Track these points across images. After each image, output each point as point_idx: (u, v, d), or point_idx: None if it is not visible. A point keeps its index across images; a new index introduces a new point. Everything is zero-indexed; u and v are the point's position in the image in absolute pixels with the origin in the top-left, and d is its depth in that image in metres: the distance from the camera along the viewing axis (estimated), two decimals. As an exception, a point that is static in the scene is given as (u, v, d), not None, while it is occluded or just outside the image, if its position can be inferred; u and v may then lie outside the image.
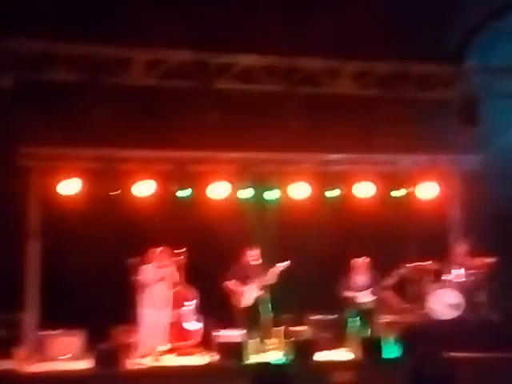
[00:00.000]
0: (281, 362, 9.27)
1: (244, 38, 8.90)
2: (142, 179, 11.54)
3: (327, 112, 9.84)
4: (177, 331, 11.01)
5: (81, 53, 8.73)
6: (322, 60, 9.34)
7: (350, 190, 12.37)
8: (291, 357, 9.31)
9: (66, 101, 9.05)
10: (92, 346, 9.74)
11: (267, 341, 10.54)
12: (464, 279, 10.71)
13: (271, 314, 10.74)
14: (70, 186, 11.24)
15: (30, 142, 10.13)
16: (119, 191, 11.50)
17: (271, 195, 12.32)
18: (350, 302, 11.10)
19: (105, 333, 9.73)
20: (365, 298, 11.05)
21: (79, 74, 8.75)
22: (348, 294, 11.08)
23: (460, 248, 11.08)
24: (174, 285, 11.01)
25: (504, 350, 9.26)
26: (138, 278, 9.76)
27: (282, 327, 11.09)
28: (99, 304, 9.72)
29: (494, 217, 10.50)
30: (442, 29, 9.33)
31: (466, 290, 10.63)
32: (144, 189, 11.60)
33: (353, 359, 9.60)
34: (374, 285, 11.06)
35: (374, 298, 11.04)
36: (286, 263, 10.27)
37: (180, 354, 10.67)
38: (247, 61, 9.20)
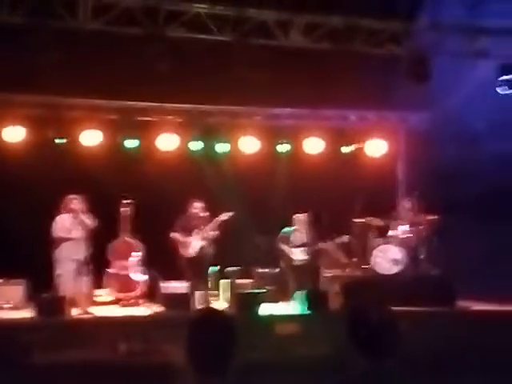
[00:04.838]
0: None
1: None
2: (89, 128, 11.37)
3: (277, 64, 9.74)
4: (122, 282, 10.99)
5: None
6: (273, 11, 9.22)
7: (300, 144, 12.42)
8: (236, 309, 9.36)
9: (10, 44, 8.75)
10: (34, 295, 9.66)
11: (212, 292, 10.59)
12: (407, 235, 10.89)
13: (217, 267, 10.79)
14: (14, 133, 11.01)
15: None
16: (65, 140, 11.32)
17: (221, 148, 12.28)
18: (284, 256, 11.22)
19: (47, 282, 9.61)
20: (297, 255, 11.17)
21: (24, 16, 8.44)
22: (282, 247, 11.20)
23: (404, 205, 11.25)
24: (122, 235, 11.00)
25: (442, 304, 9.52)
26: (54, 228, 9.57)
27: (228, 280, 11.18)
28: (41, 253, 9.59)
29: (439, 175, 10.65)
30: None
31: (409, 245, 10.82)
32: (90, 138, 11.44)
33: (295, 312, 9.70)
34: (309, 244, 11.15)
35: (307, 257, 11.12)
36: (230, 213, 10.24)
37: (125, 305, 10.68)
38: (197, 9, 9.02)
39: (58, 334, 7.96)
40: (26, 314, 9.12)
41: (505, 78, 9.91)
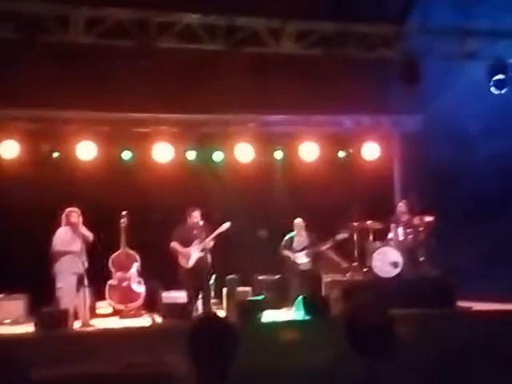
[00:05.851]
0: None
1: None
2: (84, 141, 11.38)
3: (270, 72, 9.79)
4: (123, 293, 11.00)
5: (17, 9, 8.40)
6: (263, 19, 9.25)
7: (295, 151, 12.44)
8: (237, 316, 9.35)
9: (2, 59, 8.78)
10: (35, 309, 9.63)
11: (212, 301, 10.59)
12: (405, 237, 10.91)
13: (216, 275, 10.79)
14: (8, 148, 11.02)
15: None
16: (59, 153, 11.33)
17: (218, 157, 12.32)
18: (289, 262, 11.28)
19: (47, 296, 9.60)
20: (301, 259, 11.25)
21: (15, 31, 8.45)
22: (286, 253, 11.27)
23: (401, 207, 11.27)
24: (122, 247, 11.00)
25: (442, 305, 9.53)
26: (54, 242, 9.53)
27: (227, 288, 11.19)
28: (42, 268, 9.58)
29: (434, 176, 10.69)
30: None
31: (408, 248, 10.84)
32: (86, 151, 11.44)
33: (297, 318, 9.70)
34: (310, 246, 11.24)
35: (310, 259, 11.27)
36: (227, 225, 10.26)
37: (124, 316, 10.67)
38: (188, 19, 9.04)
39: (59, 348, 7.92)
40: (27, 328, 9.11)
41: (497, 77, 9.94)
